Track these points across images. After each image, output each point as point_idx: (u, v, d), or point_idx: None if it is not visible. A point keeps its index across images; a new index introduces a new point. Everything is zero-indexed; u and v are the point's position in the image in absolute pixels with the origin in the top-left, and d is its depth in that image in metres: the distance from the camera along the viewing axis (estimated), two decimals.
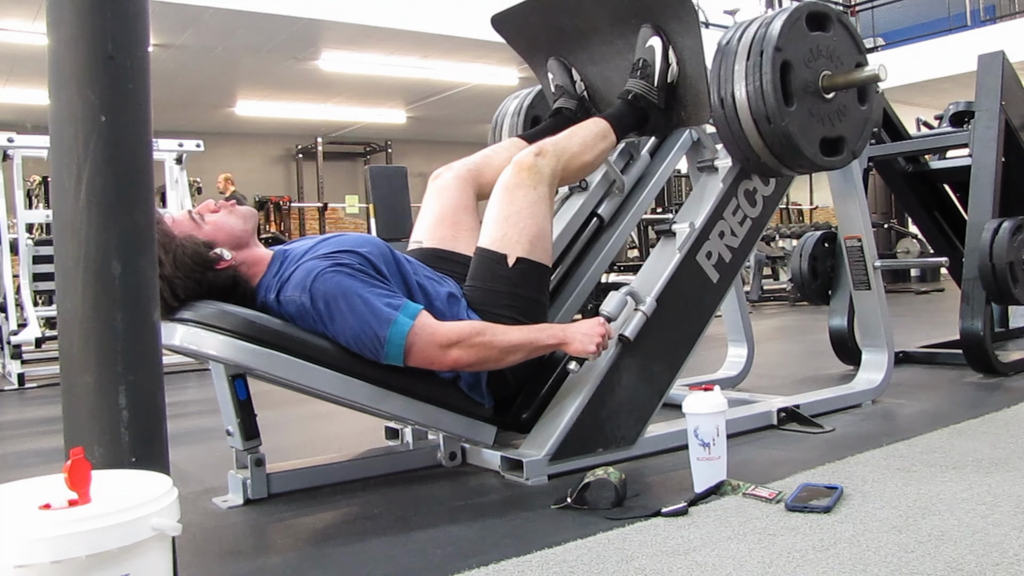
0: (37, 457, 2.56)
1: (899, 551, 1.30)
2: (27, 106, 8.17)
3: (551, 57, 2.38)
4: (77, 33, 1.00)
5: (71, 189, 1.00)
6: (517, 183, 1.92)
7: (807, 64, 2.04)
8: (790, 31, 1.99)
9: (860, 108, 2.17)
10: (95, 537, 0.80)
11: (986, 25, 10.53)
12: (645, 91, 2.13)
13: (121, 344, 1.01)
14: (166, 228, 1.71)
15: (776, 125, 1.97)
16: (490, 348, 1.73)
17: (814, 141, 2.06)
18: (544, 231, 1.93)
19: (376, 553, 1.47)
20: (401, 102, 10.20)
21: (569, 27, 2.30)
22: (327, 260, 1.72)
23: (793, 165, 2.10)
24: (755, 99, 1.98)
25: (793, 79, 2.00)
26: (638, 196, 2.49)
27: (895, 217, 9.54)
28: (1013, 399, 2.54)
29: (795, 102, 2.00)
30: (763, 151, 2.05)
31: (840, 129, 2.12)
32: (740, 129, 2.03)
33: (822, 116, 2.08)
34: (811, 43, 2.05)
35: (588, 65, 2.35)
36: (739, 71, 2.00)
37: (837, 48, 2.10)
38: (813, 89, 2.05)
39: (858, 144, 2.17)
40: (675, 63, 2.14)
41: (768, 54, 1.96)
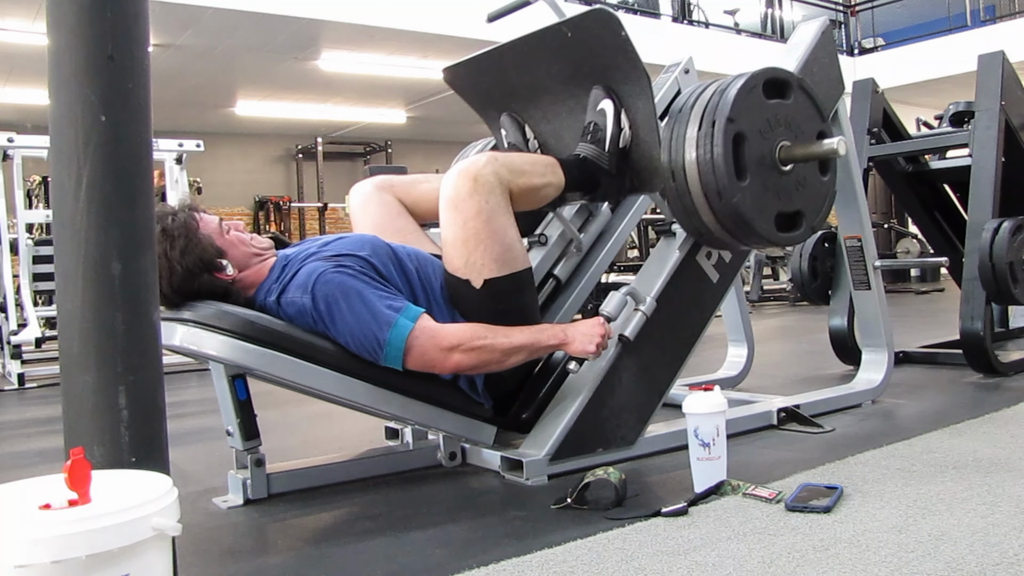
0: (37, 457, 2.56)
1: (899, 551, 1.30)
2: (27, 106, 8.17)
3: (504, 113, 2.23)
4: (77, 33, 1.00)
5: (71, 189, 1.00)
6: (464, 195, 1.77)
7: (763, 135, 1.91)
8: (744, 100, 1.87)
9: (821, 179, 2.05)
10: (95, 537, 0.80)
11: (986, 25, 10.53)
12: (595, 156, 1.95)
13: (121, 344, 1.01)
14: (195, 218, 1.76)
15: (727, 201, 1.85)
16: (491, 351, 1.73)
17: (769, 217, 1.93)
18: (509, 243, 1.81)
19: (376, 553, 1.47)
20: (401, 102, 10.20)
21: (521, 84, 2.15)
22: (329, 262, 1.72)
23: (747, 241, 1.99)
24: (706, 173, 1.86)
25: (747, 151, 1.88)
26: (598, 254, 2.37)
27: (895, 217, 9.54)
28: (1013, 399, 2.54)
29: (748, 176, 1.88)
30: (715, 226, 1.93)
31: (798, 203, 1.99)
32: (691, 203, 1.92)
33: (778, 190, 1.95)
34: (768, 112, 1.93)
35: (541, 123, 2.19)
36: (690, 141, 1.89)
37: (797, 116, 1.98)
38: (769, 161, 1.92)
39: (818, 218, 2.04)
40: (627, 127, 1.97)
41: (720, 125, 1.84)
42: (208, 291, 1.73)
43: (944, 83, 9.97)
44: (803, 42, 2.46)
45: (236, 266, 1.78)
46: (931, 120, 4.30)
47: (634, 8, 9.17)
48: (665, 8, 9.64)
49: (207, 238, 1.76)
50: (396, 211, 2.09)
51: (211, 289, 1.74)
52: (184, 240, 1.72)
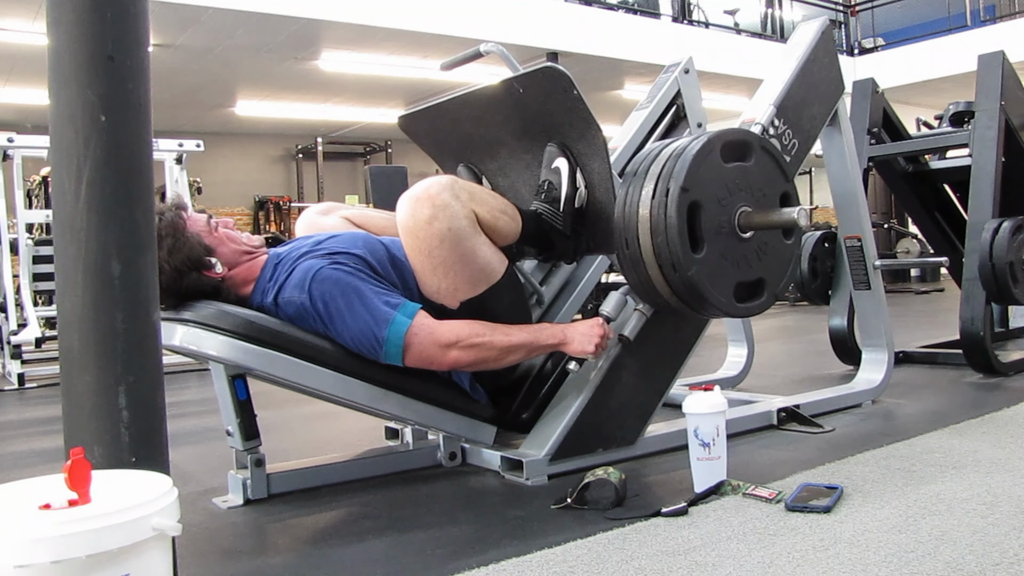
0: (37, 457, 2.56)
1: (899, 551, 1.30)
2: (27, 106, 8.16)
3: (460, 164, 2.19)
4: (77, 33, 1.00)
5: (71, 189, 1.00)
6: (424, 221, 1.69)
7: (720, 202, 1.78)
8: (700, 167, 1.74)
9: (784, 243, 1.91)
10: (95, 537, 0.80)
11: (986, 25, 10.53)
12: (550, 216, 1.88)
13: (121, 344, 1.01)
14: (182, 217, 1.75)
15: (682, 274, 1.72)
16: (489, 349, 1.73)
17: (727, 288, 1.80)
18: (481, 264, 1.76)
19: (376, 553, 1.47)
20: (401, 102, 10.20)
21: (477, 136, 2.10)
22: (325, 260, 1.72)
23: (704, 312, 1.88)
24: (660, 243, 1.73)
25: (703, 220, 1.75)
26: (561, 307, 2.31)
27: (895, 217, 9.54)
28: (1013, 399, 2.54)
29: (704, 246, 1.75)
30: (672, 298, 1.82)
31: (759, 270, 1.85)
32: (646, 273, 1.79)
33: (737, 258, 1.81)
34: (727, 178, 1.80)
35: (498, 176, 2.13)
36: (644, 211, 1.75)
37: (759, 179, 1.85)
38: (728, 229, 1.79)
39: (780, 286, 1.90)
40: (583, 187, 1.90)
41: (674, 194, 1.71)
42: (198, 290, 1.73)
43: (944, 83, 9.97)
44: (803, 42, 2.46)
45: (225, 263, 1.78)
46: (931, 120, 4.30)
47: (634, 8, 9.17)
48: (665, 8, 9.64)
49: (195, 236, 1.75)
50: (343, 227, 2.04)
51: (200, 288, 1.73)
52: (172, 239, 1.71)
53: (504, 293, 1.85)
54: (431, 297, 1.80)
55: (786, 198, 1.92)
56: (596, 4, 8.43)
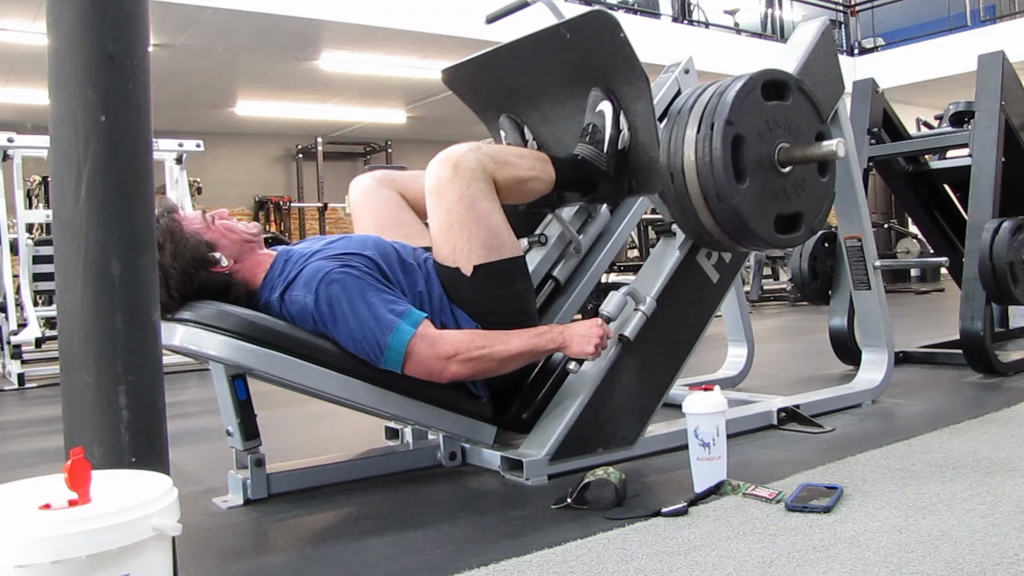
0: (37, 457, 2.56)
1: (899, 551, 1.30)
2: (27, 106, 8.16)
3: (503, 114, 2.22)
4: (77, 33, 1.00)
5: (71, 189, 1.00)
6: (445, 181, 1.77)
7: (761, 137, 1.90)
8: (744, 102, 1.86)
9: (820, 181, 2.04)
10: (95, 537, 0.80)
11: (986, 25, 10.53)
12: (593, 157, 1.93)
13: (121, 344, 1.01)
14: (176, 219, 1.74)
15: (726, 203, 1.84)
16: (489, 360, 1.74)
17: (768, 219, 1.92)
18: (495, 228, 1.80)
19: (376, 553, 1.47)
20: (401, 102, 10.20)
21: (520, 86, 2.15)
22: (335, 261, 1.72)
23: (746, 243, 1.98)
24: (705, 175, 1.84)
25: (746, 153, 1.87)
26: (597, 255, 2.36)
27: (895, 217, 9.54)
28: (1013, 399, 2.54)
29: (747, 178, 1.87)
30: (714, 228, 1.92)
31: (797, 204, 1.98)
32: (690, 205, 1.91)
33: (777, 192, 1.94)
34: (767, 114, 1.91)
35: (540, 124, 2.18)
36: (689, 143, 1.87)
37: (796, 117, 1.97)
38: (768, 163, 1.91)
39: (817, 220, 2.03)
40: (626, 129, 1.95)
41: (719, 127, 1.83)
42: (209, 288, 1.72)
43: (944, 83, 9.97)
44: (803, 42, 2.46)
45: (230, 256, 1.77)
46: (931, 120, 4.30)
47: (634, 8, 9.17)
48: (665, 8, 9.64)
49: (194, 235, 1.74)
50: (397, 204, 2.08)
51: (211, 285, 1.73)
52: (172, 244, 1.70)
53: (517, 277, 1.87)
54: (445, 261, 1.81)
55: (821, 137, 2.01)
56: (596, 4, 8.43)
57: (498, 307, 1.82)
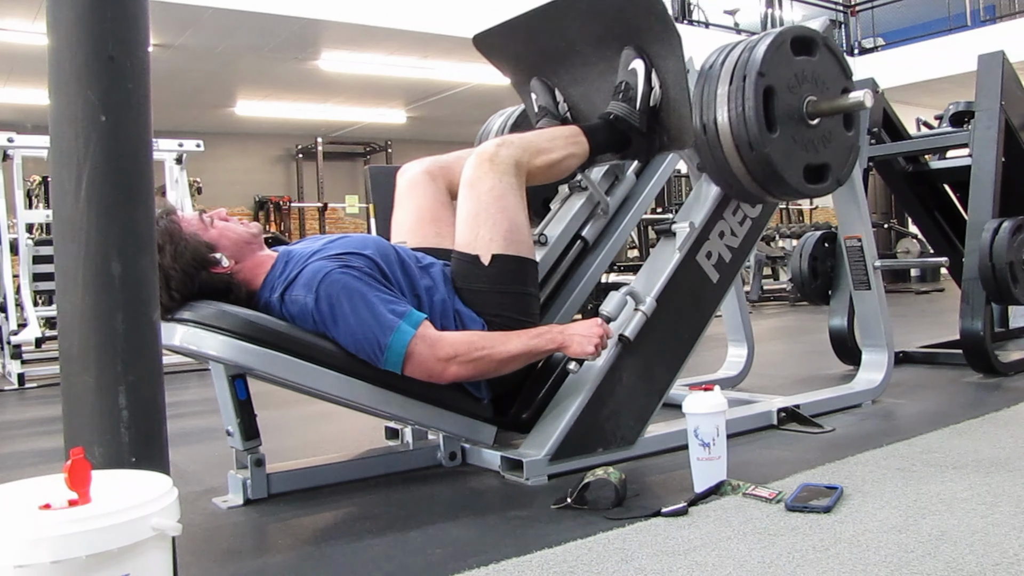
0: (37, 457, 2.56)
1: (899, 551, 1.30)
2: (27, 106, 8.16)
3: (534, 77, 2.31)
4: (77, 33, 1.00)
5: (71, 189, 1.00)
6: (480, 175, 1.87)
7: (791, 90, 1.97)
8: (774, 56, 1.93)
9: (846, 134, 2.10)
10: (95, 537, 0.80)
11: (986, 25, 10.53)
12: (626, 114, 2.05)
13: (121, 344, 1.01)
14: (175, 221, 1.75)
15: (758, 152, 1.91)
16: (488, 362, 1.74)
17: (797, 168, 1.99)
18: (517, 223, 1.88)
19: (376, 553, 1.47)
20: (401, 102, 10.20)
21: (551, 48, 2.23)
22: (335, 261, 1.72)
23: (776, 192, 2.04)
24: (737, 125, 1.91)
25: (776, 105, 1.94)
26: (623, 217, 2.45)
27: (895, 217, 9.54)
28: (1013, 399, 2.54)
29: (778, 128, 1.94)
30: (745, 177, 1.98)
31: (825, 156, 2.05)
32: (722, 155, 1.97)
33: (806, 143, 2.01)
34: (796, 68, 1.99)
35: (571, 86, 2.28)
36: (721, 96, 1.94)
37: (822, 73, 2.04)
38: (797, 115, 1.98)
39: (843, 171, 2.10)
40: (658, 86, 2.06)
41: (751, 79, 1.90)
42: (210, 288, 1.73)
43: (944, 83, 9.97)
44: None
45: (230, 256, 1.76)
46: (931, 120, 4.30)
47: None
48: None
49: (194, 236, 1.74)
50: (441, 201, 2.11)
51: (212, 286, 1.73)
52: (172, 245, 1.70)
53: (529, 280, 1.92)
54: (466, 248, 1.86)
55: (846, 93, 2.07)
56: None
57: (505, 302, 1.85)
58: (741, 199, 2.17)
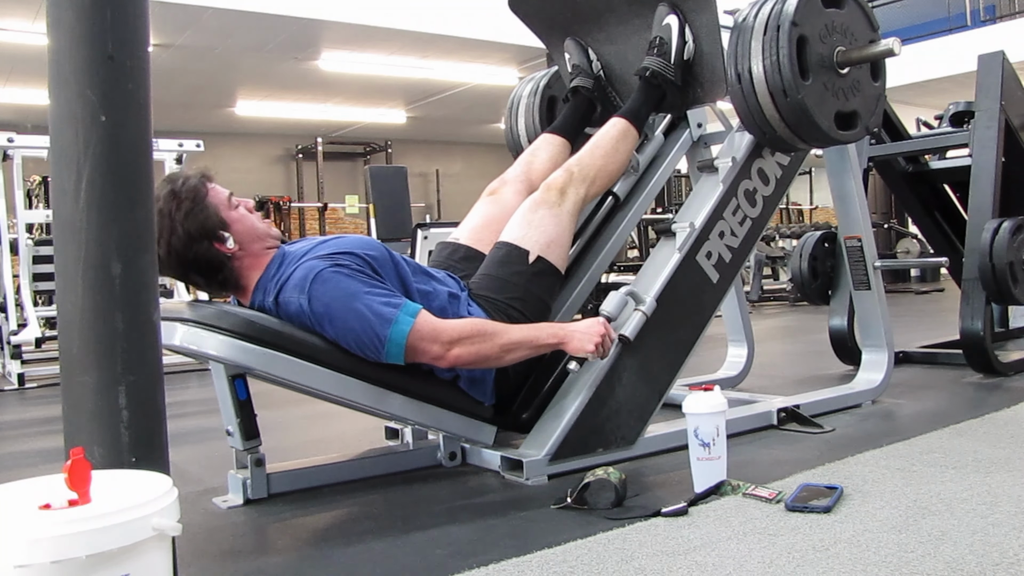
0: (37, 457, 2.56)
1: (899, 551, 1.30)
2: (27, 106, 8.17)
3: (568, 37, 2.43)
4: (77, 33, 1.00)
5: (71, 189, 1.00)
6: (544, 200, 2.03)
7: (822, 39, 2.07)
8: (806, 7, 2.03)
9: (873, 84, 2.20)
10: (95, 537, 0.80)
11: (986, 25, 10.52)
12: (662, 68, 2.18)
13: (121, 344, 1.01)
14: (205, 185, 1.77)
15: (792, 98, 2.00)
16: (490, 346, 1.73)
17: (829, 114, 2.09)
18: (563, 239, 2.02)
19: (376, 553, 1.47)
20: (401, 102, 10.20)
21: (585, 7, 2.36)
22: (326, 261, 1.72)
23: (808, 138, 2.13)
24: (771, 73, 2.01)
25: (809, 54, 2.03)
26: (653, 175, 2.51)
27: (895, 217, 9.54)
28: (1013, 399, 2.54)
29: (811, 76, 2.03)
30: (779, 124, 2.07)
31: (854, 104, 2.15)
32: (757, 103, 2.06)
33: (836, 90, 2.11)
34: (826, 19, 2.08)
35: (605, 44, 2.40)
36: (756, 47, 2.03)
37: (851, 25, 2.13)
38: (828, 64, 2.08)
39: (871, 119, 2.19)
40: (691, 40, 2.19)
41: (785, 29, 1.99)
42: (204, 261, 1.73)
43: (944, 83, 9.96)
44: None
45: (238, 241, 1.77)
46: (931, 120, 4.30)
47: None
48: None
49: (213, 207, 1.75)
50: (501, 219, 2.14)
51: (208, 259, 1.73)
52: (190, 203, 1.71)
53: (554, 292, 2.04)
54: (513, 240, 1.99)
55: (873, 43, 2.15)
56: None
57: (526, 300, 1.93)
58: (774, 146, 2.24)
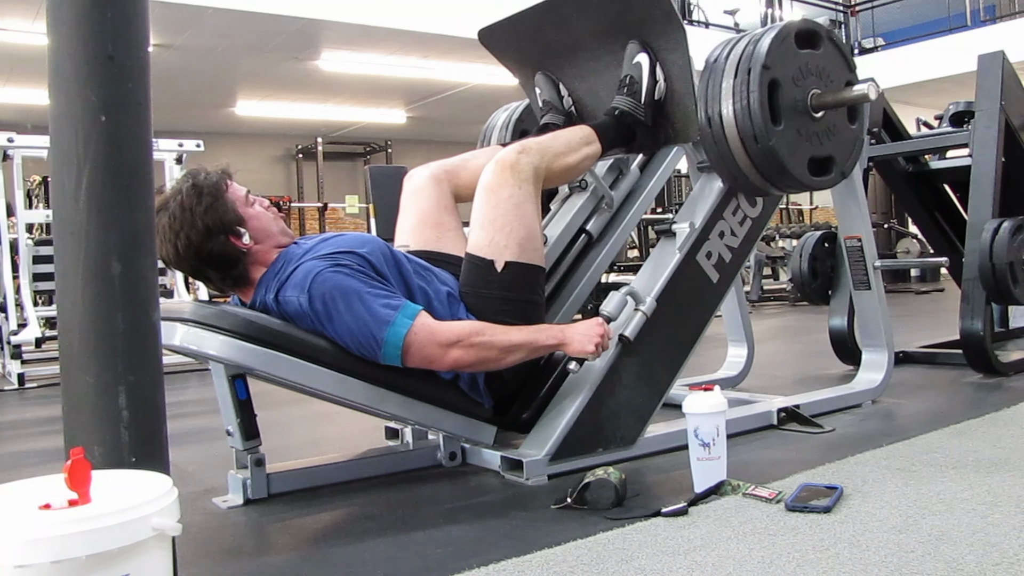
0: (37, 457, 2.56)
1: (899, 551, 1.30)
2: (27, 106, 8.16)
3: (539, 71, 2.31)
4: (77, 33, 1.00)
5: (71, 189, 1.00)
6: (500, 182, 1.87)
7: (795, 83, 1.99)
8: (778, 49, 1.94)
9: (850, 127, 2.12)
10: (95, 537, 0.80)
11: (986, 25, 10.52)
12: (632, 108, 2.06)
13: (121, 344, 1.01)
14: (226, 183, 1.79)
15: (763, 144, 1.92)
16: (489, 348, 1.73)
17: (802, 160, 2.00)
18: (533, 232, 1.89)
19: (376, 553, 1.47)
20: (401, 102, 10.20)
21: (556, 42, 2.24)
22: (326, 260, 1.72)
23: (781, 185, 2.05)
24: (742, 118, 1.93)
25: (781, 98, 1.95)
26: (627, 211, 2.44)
27: (895, 217, 9.53)
28: (1013, 399, 2.54)
29: (783, 121, 1.95)
30: (750, 170, 1.99)
31: (829, 148, 2.06)
32: (727, 148, 1.98)
33: (810, 135, 2.03)
34: (800, 61, 2.00)
35: (576, 80, 2.28)
36: (726, 89, 1.95)
37: (827, 66, 2.05)
38: (802, 108, 2.00)
39: (847, 163, 2.11)
40: (663, 80, 2.07)
41: (756, 72, 1.92)
42: (221, 255, 1.74)
43: (944, 83, 9.96)
44: None
45: (253, 238, 1.78)
46: (931, 120, 4.30)
47: None
48: None
49: (232, 203, 1.77)
50: (443, 205, 2.11)
51: (224, 253, 1.74)
52: (211, 198, 1.73)
53: (537, 288, 1.92)
54: (479, 252, 1.86)
55: (849, 86, 2.08)
56: None
57: (510, 308, 1.84)
58: (746, 192, 2.18)
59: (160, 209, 1.72)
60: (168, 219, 1.72)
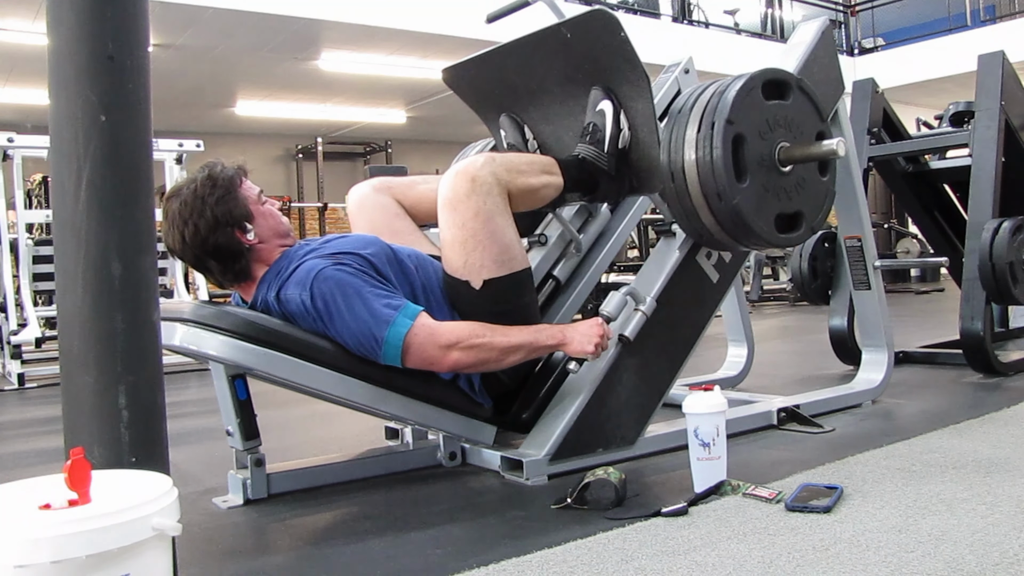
0: (37, 457, 2.56)
1: (899, 551, 1.30)
2: (27, 106, 8.16)
3: (503, 113, 2.22)
4: (77, 33, 1.00)
5: (71, 189, 1.00)
6: (462, 196, 1.78)
7: (762, 136, 1.91)
8: (743, 102, 1.87)
9: (820, 179, 2.05)
10: (95, 537, 0.80)
11: (986, 25, 10.53)
12: (594, 157, 1.94)
13: (121, 344, 1.01)
14: (239, 179, 1.80)
15: (727, 202, 1.85)
16: (489, 350, 1.73)
17: (769, 218, 1.94)
18: (507, 243, 1.82)
19: (376, 553, 1.47)
20: (401, 102, 10.20)
21: (520, 84, 2.15)
22: (328, 259, 1.73)
23: (746, 243, 2.00)
24: (705, 174, 1.86)
25: (746, 152, 1.88)
26: (597, 255, 2.36)
27: (895, 217, 9.54)
28: (1013, 399, 2.54)
29: (748, 177, 1.88)
30: (715, 228, 1.94)
31: (798, 203, 1.99)
32: (691, 204, 1.92)
33: (778, 190, 1.95)
34: (767, 113, 1.93)
35: (541, 123, 2.18)
36: (690, 141, 1.88)
37: (796, 117, 1.98)
38: (768, 163, 1.92)
39: (818, 219, 2.04)
40: (627, 128, 1.95)
41: (719, 127, 1.84)
42: (225, 247, 1.75)
43: (944, 83, 9.97)
44: (803, 42, 2.46)
45: (258, 235, 1.80)
46: (931, 120, 4.30)
47: (634, 8, 9.17)
48: (665, 8, 9.64)
49: (243, 199, 1.79)
50: (393, 212, 2.09)
51: (228, 246, 1.76)
52: (224, 190, 1.75)
53: (524, 290, 1.89)
54: (455, 273, 1.82)
55: (821, 137, 2.02)
56: (597, 3, 8.43)
57: (502, 320, 1.81)
58: (712, 247, 2.11)
59: (173, 196, 1.76)
60: (179, 205, 1.74)
